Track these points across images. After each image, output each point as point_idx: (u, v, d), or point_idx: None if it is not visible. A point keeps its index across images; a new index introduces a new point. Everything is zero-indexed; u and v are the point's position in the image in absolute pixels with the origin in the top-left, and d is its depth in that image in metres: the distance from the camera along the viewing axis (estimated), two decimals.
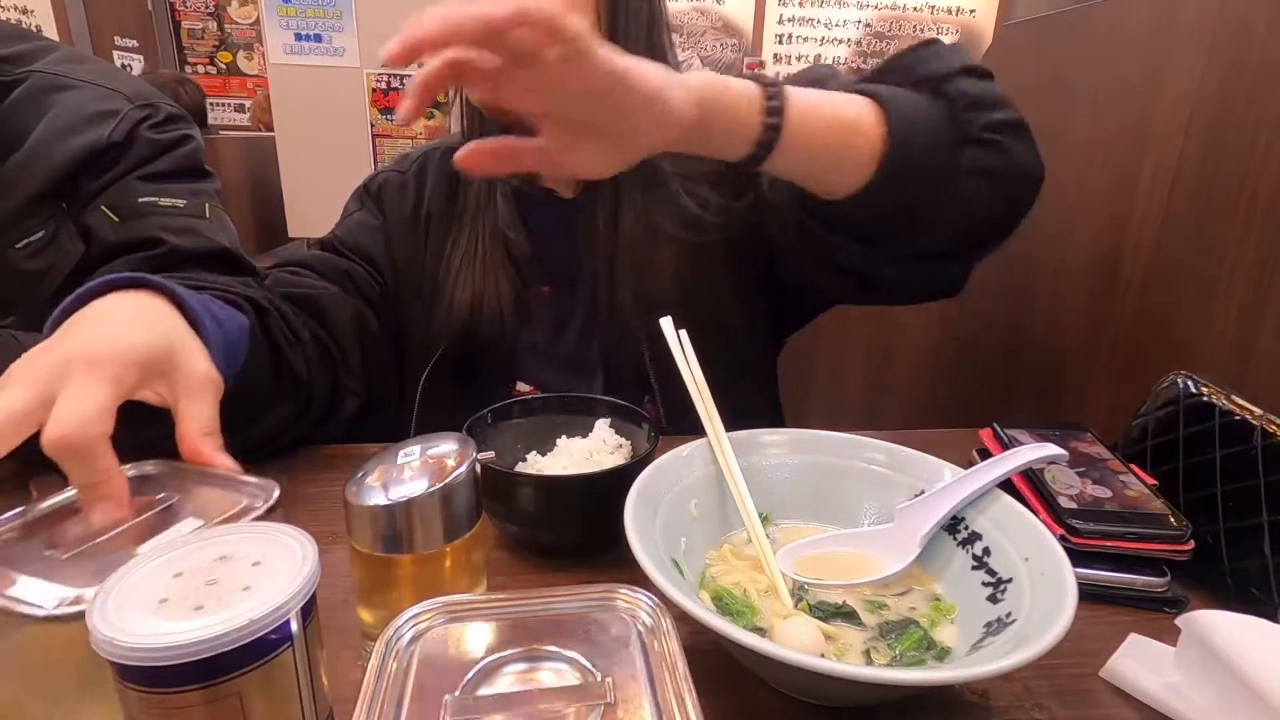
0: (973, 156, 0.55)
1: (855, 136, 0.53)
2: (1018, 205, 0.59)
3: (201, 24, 3.93)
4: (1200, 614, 0.40)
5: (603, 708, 0.28)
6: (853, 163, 0.53)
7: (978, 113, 0.55)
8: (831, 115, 0.52)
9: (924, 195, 0.56)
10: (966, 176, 0.55)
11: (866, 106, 0.54)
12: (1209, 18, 0.75)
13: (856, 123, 0.53)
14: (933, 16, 4.24)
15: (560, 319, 0.77)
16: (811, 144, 0.51)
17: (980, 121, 0.55)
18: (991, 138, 0.55)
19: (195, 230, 0.79)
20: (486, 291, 0.74)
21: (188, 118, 0.85)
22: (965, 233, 0.59)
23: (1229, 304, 0.73)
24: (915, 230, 0.58)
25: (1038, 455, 0.48)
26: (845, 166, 0.54)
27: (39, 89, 0.77)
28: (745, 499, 0.50)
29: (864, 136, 0.53)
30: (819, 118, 0.51)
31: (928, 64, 0.58)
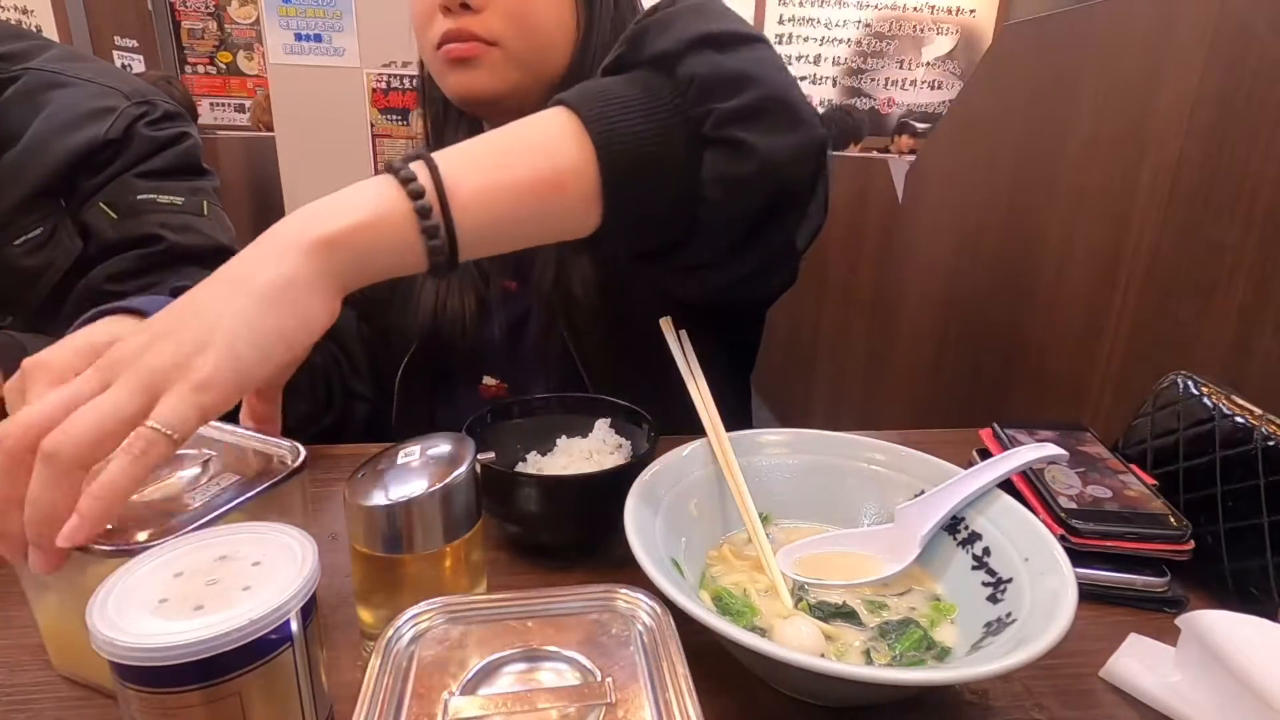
0: (713, 163, 0.45)
1: (560, 192, 0.44)
2: (787, 195, 0.49)
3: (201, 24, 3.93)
4: (1200, 614, 0.40)
5: (603, 708, 0.28)
6: (567, 218, 0.45)
7: (711, 104, 0.45)
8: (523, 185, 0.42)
9: (666, 217, 0.47)
10: (709, 187, 0.46)
11: (568, 140, 0.44)
12: (1209, 18, 0.75)
13: (556, 177, 0.43)
14: (933, 16, 4.24)
15: (522, 313, 0.78)
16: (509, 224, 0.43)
17: (715, 115, 0.45)
18: (731, 136, 0.45)
19: (194, 228, 0.80)
20: (450, 295, 0.75)
21: (185, 115, 0.86)
22: (733, 240, 0.50)
23: (1229, 304, 0.73)
24: (676, 249, 0.50)
25: (1038, 455, 0.48)
26: (561, 224, 0.46)
27: (35, 86, 0.77)
28: (745, 499, 0.50)
29: (573, 185, 0.44)
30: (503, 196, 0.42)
31: (656, 38, 0.48)
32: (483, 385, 0.79)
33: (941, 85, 4.41)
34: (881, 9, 4.21)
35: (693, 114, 0.45)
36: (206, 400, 0.35)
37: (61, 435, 0.33)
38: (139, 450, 0.33)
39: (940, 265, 1.30)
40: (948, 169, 1.31)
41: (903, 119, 4.29)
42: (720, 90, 0.45)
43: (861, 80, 4.38)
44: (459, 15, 0.65)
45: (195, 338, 0.36)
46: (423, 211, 0.40)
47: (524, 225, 0.44)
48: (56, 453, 0.33)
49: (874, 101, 4.42)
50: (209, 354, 0.35)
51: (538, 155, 0.44)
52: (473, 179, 0.41)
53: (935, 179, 1.36)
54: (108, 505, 0.33)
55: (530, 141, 0.44)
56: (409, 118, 2.54)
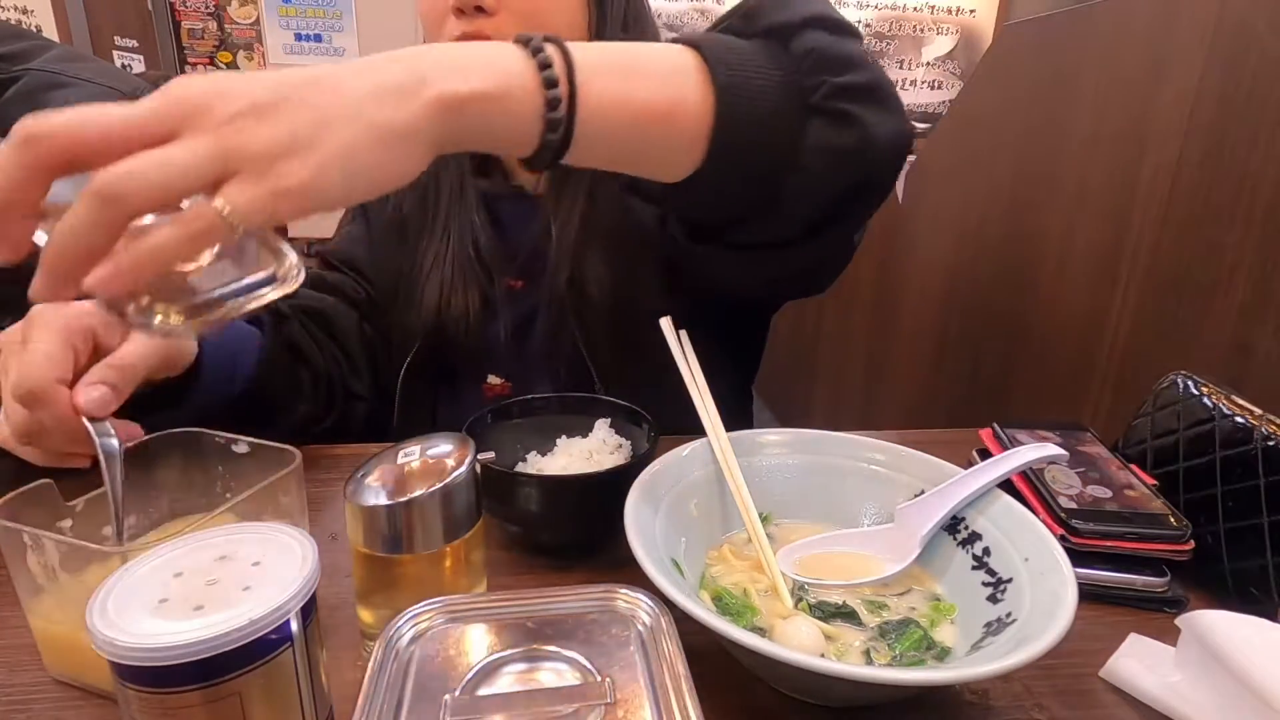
0: (818, 130, 0.46)
1: (673, 124, 0.44)
2: (874, 183, 0.51)
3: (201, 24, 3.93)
4: (1200, 614, 0.40)
5: (603, 708, 0.28)
6: (673, 149, 0.45)
7: (825, 76, 0.46)
8: (643, 103, 0.42)
9: (761, 179, 0.48)
10: (809, 155, 0.47)
11: (691, 77, 0.44)
12: (1209, 17, 0.75)
13: (675, 107, 0.44)
14: (933, 16, 4.24)
15: (529, 312, 0.78)
16: (617, 138, 0.43)
17: (828, 87, 0.46)
18: (841, 108, 0.46)
19: None
20: (454, 292, 0.75)
21: None
22: (812, 218, 0.51)
23: (1229, 304, 0.73)
24: (753, 218, 0.51)
25: (1038, 455, 0.48)
26: (665, 154, 0.46)
27: (35, 87, 0.77)
28: (745, 499, 0.50)
29: (686, 121, 0.44)
30: (624, 110, 0.42)
31: (770, 12, 0.49)
32: (487, 384, 0.79)
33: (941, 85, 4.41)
34: (881, 9, 4.21)
35: (806, 83, 0.46)
36: (280, 209, 0.32)
37: (127, 176, 0.30)
38: (198, 229, 0.31)
39: (940, 265, 1.30)
40: (948, 169, 1.31)
41: None
42: (835, 66, 0.46)
43: None
44: (473, 18, 0.65)
45: (293, 136, 0.33)
46: (552, 101, 0.39)
47: (631, 144, 0.44)
48: (119, 196, 0.30)
49: None
50: (301, 164, 0.32)
51: (660, 82, 0.44)
52: (600, 85, 0.41)
53: (935, 178, 1.36)
54: (145, 268, 0.31)
55: (655, 67, 0.44)
56: None
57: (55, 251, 0.31)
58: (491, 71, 0.38)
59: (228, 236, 0.32)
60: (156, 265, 0.31)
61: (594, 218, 0.73)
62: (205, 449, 0.49)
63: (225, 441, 0.48)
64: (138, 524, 0.47)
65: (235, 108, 0.32)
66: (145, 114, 0.32)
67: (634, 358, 0.54)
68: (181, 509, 0.48)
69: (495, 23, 0.66)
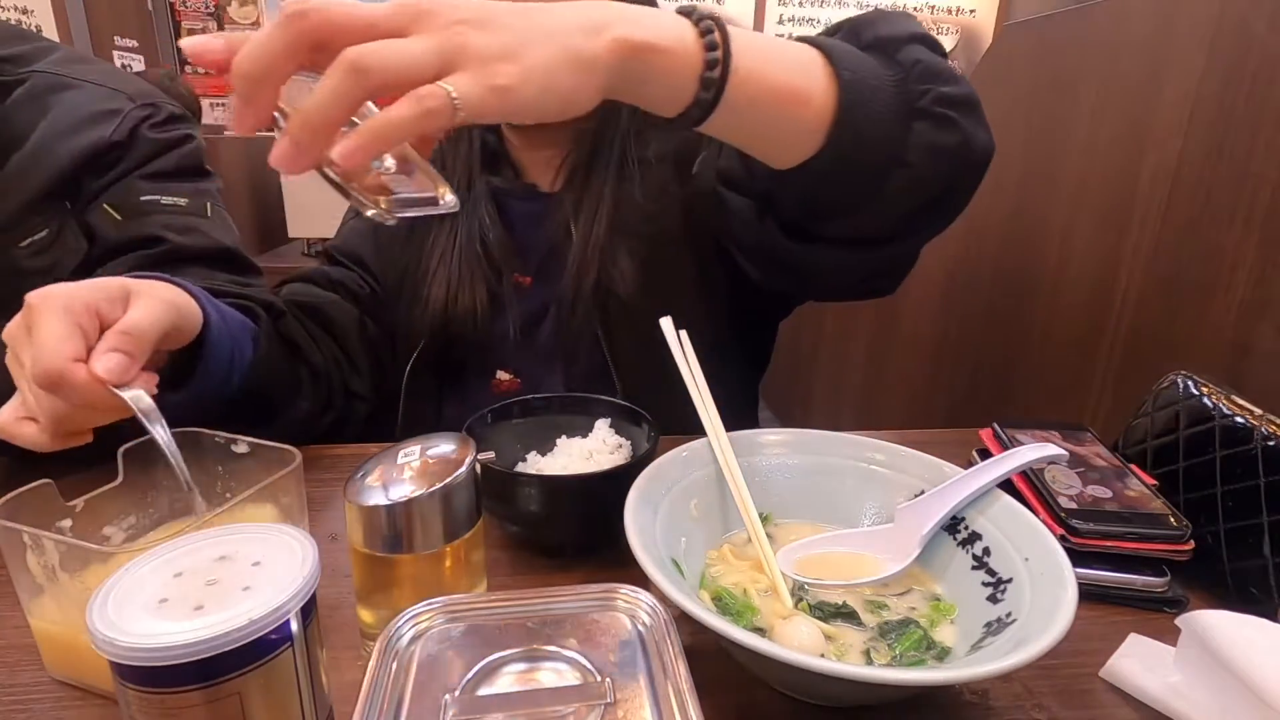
0: (923, 131, 0.51)
1: (803, 107, 0.48)
2: (964, 186, 0.56)
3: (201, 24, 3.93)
4: (1200, 614, 0.40)
5: (603, 708, 0.28)
6: (798, 132, 0.49)
7: (931, 84, 0.51)
8: (783, 82, 0.47)
9: (868, 171, 0.52)
10: (914, 152, 0.51)
11: (818, 70, 0.48)
12: (1209, 18, 0.75)
13: (806, 92, 0.48)
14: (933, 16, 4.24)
15: (539, 309, 0.78)
16: (755, 111, 0.46)
17: (934, 94, 0.51)
18: (944, 112, 0.51)
19: (197, 229, 0.80)
20: (460, 289, 0.76)
21: (189, 117, 0.86)
22: (907, 214, 0.55)
23: (1229, 304, 0.73)
24: (853, 209, 0.54)
25: (1038, 455, 0.48)
26: (790, 137, 0.50)
27: (40, 89, 0.77)
28: (745, 499, 0.50)
29: (813, 107, 0.48)
30: (765, 85, 0.46)
31: (878, 26, 0.54)
32: (496, 380, 0.79)
33: None
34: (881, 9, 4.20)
35: (914, 89, 0.51)
36: (492, 102, 0.36)
37: (374, 57, 0.33)
38: (430, 106, 0.34)
39: (940, 264, 1.30)
40: None
41: None
42: (939, 77, 0.51)
43: None
44: None
45: (507, 45, 0.36)
46: (711, 62, 0.43)
47: (765, 119, 0.48)
48: (365, 69, 0.33)
49: None
50: (510, 67, 0.36)
51: (797, 69, 0.48)
52: (749, 59, 0.44)
53: None
54: (379, 141, 0.34)
55: (791, 56, 0.48)
56: None
57: (303, 118, 0.34)
58: (662, 27, 0.42)
59: (449, 119, 0.35)
60: (395, 136, 0.34)
61: (620, 220, 0.73)
62: (205, 449, 0.49)
63: (225, 441, 0.48)
64: (137, 524, 0.47)
65: (457, 15, 0.36)
66: (382, 10, 0.36)
67: (655, 360, 0.55)
68: (182, 509, 0.48)
69: None
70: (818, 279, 0.63)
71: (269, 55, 0.34)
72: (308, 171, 0.36)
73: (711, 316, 0.77)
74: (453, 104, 0.34)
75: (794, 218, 0.58)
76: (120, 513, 0.46)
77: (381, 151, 0.35)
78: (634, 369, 0.73)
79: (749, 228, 0.61)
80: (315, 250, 2.55)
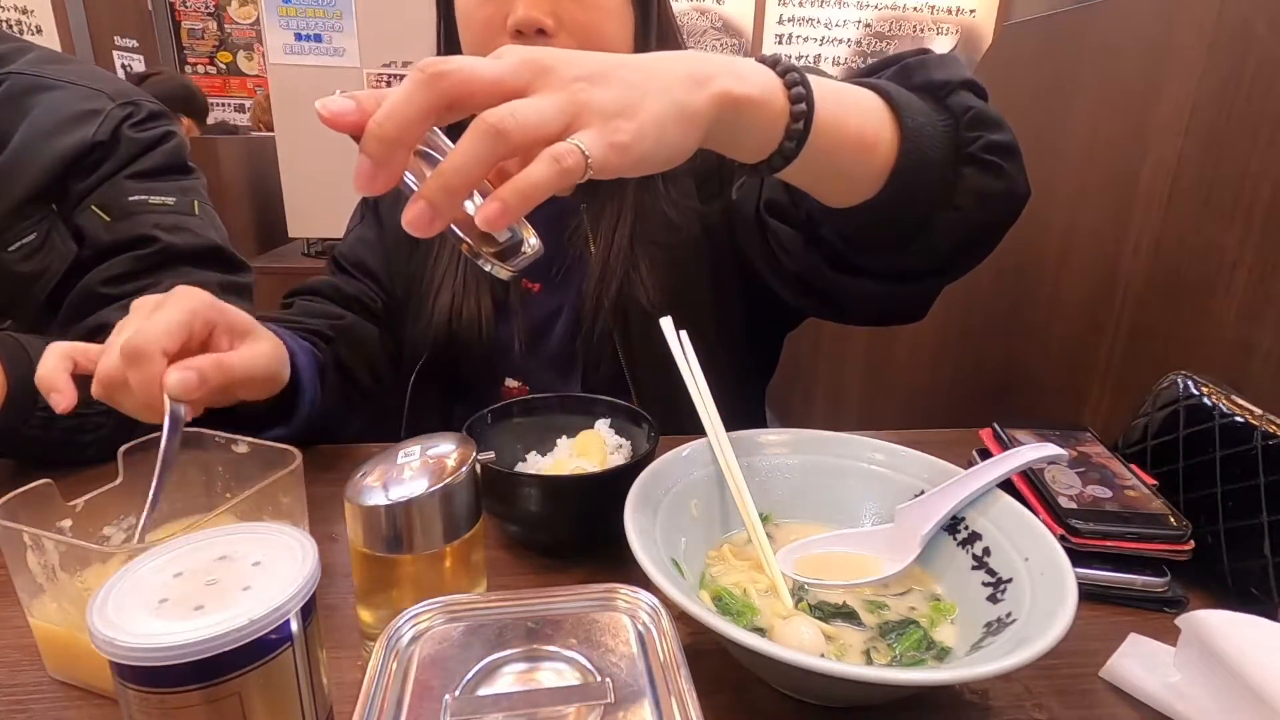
0: (972, 177, 0.53)
1: (872, 153, 0.49)
2: (1003, 226, 0.58)
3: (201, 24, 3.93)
4: (1200, 614, 0.40)
5: (603, 708, 0.28)
6: (863, 177, 0.51)
7: (982, 131, 0.53)
8: (855, 131, 0.48)
9: (920, 213, 0.54)
10: (963, 196, 0.53)
11: (884, 116, 0.50)
12: (1209, 18, 0.75)
13: (876, 138, 0.49)
14: (933, 16, 4.24)
15: (549, 316, 0.78)
16: (829, 159, 0.48)
17: (984, 141, 0.53)
18: (991, 160, 0.53)
19: (186, 228, 0.80)
20: (465, 300, 0.76)
21: (168, 114, 0.85)
22: (948, 255, 0.57)
23: (1229, 304, 0.73)
24: (899, 248, 0.56)
25: (1038, 455, 0.48)
26: (855, 181, 0.51)
27: (19, 90, 0.77)
28: (745, 499, 0.50)
29: (880, 153, 0.50)
30: (842, 134, 0.47)
31: (928, 71, 0.56)
32: (504, 388, 0.80)
33: None
34: (881, 9, 4.21)
35: (965, 136, 0.53)
36: (613, 159, 0.36)
37: (511, 120, 0.34)
38: (568, 165, 0.34)
39: None
40: None
41: None
42: (989, 125, 0.53)
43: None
44: (532, 40, 0.66)
45: (625, 101, 0.37)
46: (797, 115, 0.43)
47: (838, 165, 0.49)
48: (505, 132, 0.33)
49: None
50: (629, 123, 0.36)
51: (867, 116, 0.49)
52: (829, 110, 0.45)
53: None
54: (525, 201, 0.34)
55: (861, 104, 0.50)
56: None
57: (442, 181, 0.34)
58: (758, 80, 0.42)
59: (580, 176, 0.35)
60: (537, 196, 0.34)
61: (642, 230, 0.74)
62: (205, 449, 0.49)
63: (225, 441, 0.48)
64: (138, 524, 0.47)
65: (576, 72, 0.37)
66: (509, 69, 0.36)
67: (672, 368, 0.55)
68: (181, 509, 0.48)
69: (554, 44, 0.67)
70: (854, 307, 0.65)
71: (409, 117, 0.34)
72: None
73: (725, 326, 0.78)
74: (586, 161, 0.35)
75: (839, 250, 0.59)
76: (120, 513, 0.46)
77: (524, 213, 0.35)
78: (650, 378, 0.73)
79: (795, 258, 0.63)
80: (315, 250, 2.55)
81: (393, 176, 0.35)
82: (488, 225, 0.34)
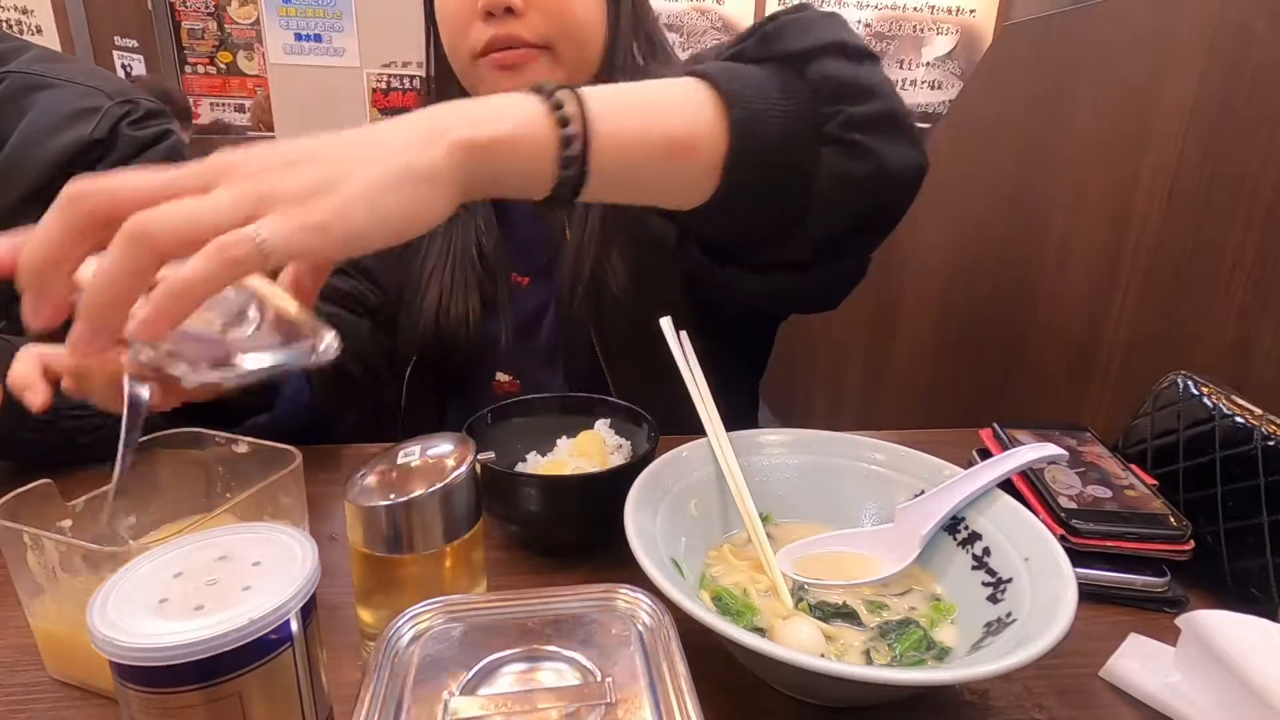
0: (831, 159, 0.47)
1: (690, 156, 0.45)
2: (889, 208, 0.52)
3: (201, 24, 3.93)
4: (1200, 614, 0.40)
5: (603, 708, 0.28)
6: (685, 182, 0.46)
7: (841, 105, 0.47)
8: (661, 137, 0.43)
9: (776, 206, 0.49)
10: (823, 182, 0.47)
11: (707, 111, 0.45)
12: (1209, 18, 0.75)
13: (690, 139, 0.44)
14: (933, 16, 4.24)
15: (537, 309, 0.78)
16: (635, 172, 0.44)
17: (843, 117, 0.46)
18: (853, 138, 0.47)
19: None
20: (453, 299, 0.76)
21: (166, 112, 0.85)
22: (828, 241, 0.51)
23: (1229, 304, 0.73)
24: (768, 242, 0.52)
25: (1038, 455, 0.48)
26: (678, 187, 0.47)
27: (18, 89, 0.77)
28: (745, 499, 0.50)
29: (701, 152, 0.45)
30: (645, 144, 0.43)
31: (786, 37, 0.49)
32: (496, 383, 0.80)
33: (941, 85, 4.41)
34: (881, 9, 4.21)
35: (822, 112, 0.47)
36: (309, 241, 0.33)
37: (156, 218, 0.31)
38: (231, 254, 0.31)
39: (940, 264, 1.30)
40: (947, 168, 1.31)
41: None
42: (851, 95, 0.47)
43: None
44: (503, 20, 0.65)
45: (321, 180, 0.34)
46: (566, 140, 0.40)
47: (648, 180, 0.45)
48: (147, 234, 0.30)
49: None
50: (330, 200, 0.33)
51: (677, 116, 0.44)
52: (615, 122, 0.42)
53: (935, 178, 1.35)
54: (182, 300, 0.31)
55: (672, 102, 0.45)
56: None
57: (88, 299, 0.31)
58: (508, 117, 0.40)
59: (257, 262, 0.32)
60: (196, 293, 0.31)
61: (614, 219, 0.73)
62: (205, 449, 0.49)
63: (225, 441, 0.48)
64: (138, 524, 0.47)
65: (265, 163, 0.34)
66: (184, 173, 0.33)
67: (648, 359, 0.54)
68: (182, 509, 0.48)
69: (524, 23, 0.67)
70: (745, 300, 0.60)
71: (49, 244, 0.31)
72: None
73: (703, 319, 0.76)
74: (259, 248, 0.31)
75: (715, 245, 0.56)
76: (120, 512, 0.46)
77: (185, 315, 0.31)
78: (627, 368, 0.73)
79: (677, 254, 0.59)
80: None
81: (56, 308, 0.32)
82: (138, 335, 0.31)
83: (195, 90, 4.01)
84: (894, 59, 4.35)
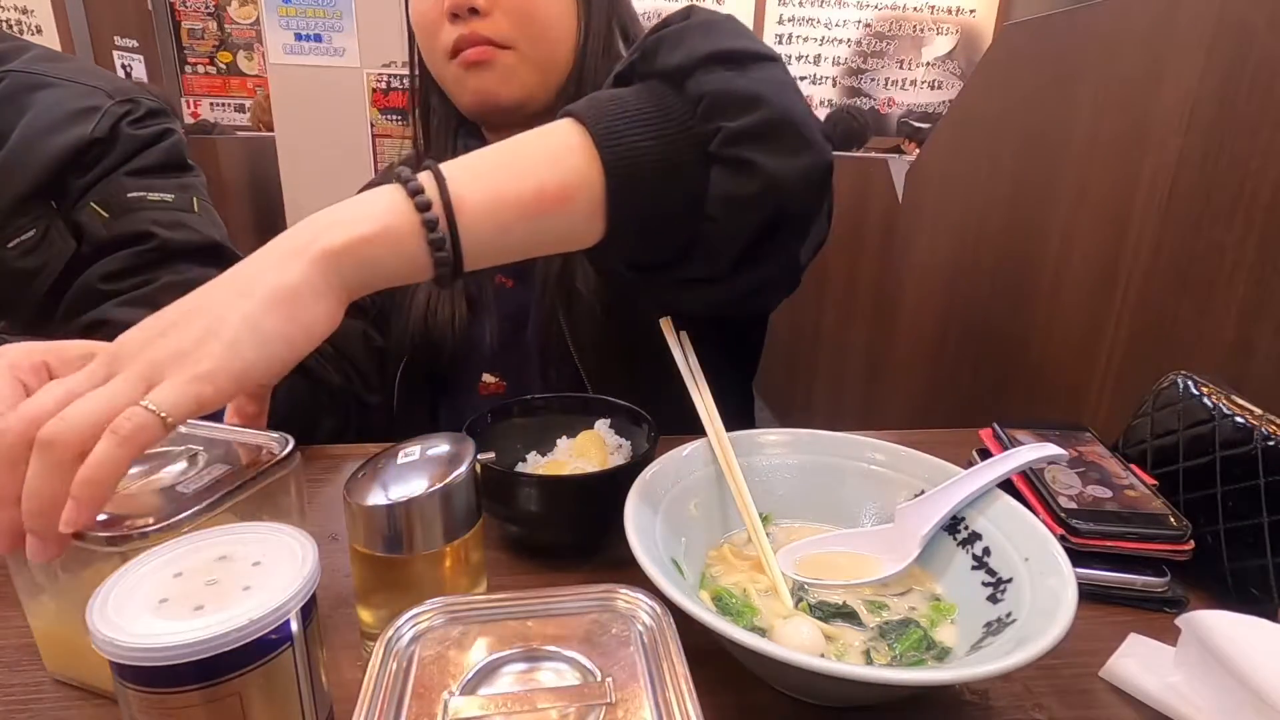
0: (719, 180, 0.45)
1: (568, 205, 0.44)
2: (789, 219, 0.49)
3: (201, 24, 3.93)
4: (1200, 614, 0.40)
5: (603, 708, 0.28)
6: (570, 230, 0.45)
7: (720, 121, 0.44)
8: (533, 194, 0.43)
9: (669, 233, 0.48)
10: (715, 204, 0.46)
11: (578, 156, 0.44)
12: (1209, 17, 0.75)
13: (564, 189, 0.43)
14: (933, 16, 4.24)
15: (520, 310, 0.78)
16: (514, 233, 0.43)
17: (724, 134, 0.44)
18: (737, 155, 0.44)
19: (185, 224, 0.80)
20: (441, 300, 0.76)
21: (167, 111, 0.86)
22: (732, 259, 0.49)
23: (1229, 304, 0.73)
24: (672, 264, 0.50)
25: (1038, 455, 0.48)
26: (564, 236, 0.46)
27: (18, 88, 0.77)
28: (745, 499, 0.50)
29: (579, 199, 0.44)
30: (510, 209, 0.42)
31: (667, 50, 0.47)
32: (482, 384, 0.80)
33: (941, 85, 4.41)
34: (881, 9, 4.21)
35: (701, 131, 0.45)
36: (205, 391, 0.35)
37: (59, 423, 0.33)
38: (127, 430, 0.33)
39: (940, 264, 1.30)
40: (947, 168, 1.31)
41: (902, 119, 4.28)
42: (730, 109, 0.45)
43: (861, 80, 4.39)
44: (468, 20, 0.66)
45: (199, 333, 0.36)
46: (430, 224, 0.40)
47: (528, 236, 0.44)
48: (53, 441, 0.33)
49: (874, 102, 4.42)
50: (212, 347, 0.35)
51: (545, 168, 0.44)
52: (479, 191, 0.42)
53: (935, 178, 1.36)
54: (98, 487, 0.33)
55: (538, 154, 0.44)
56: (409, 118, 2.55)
57: (31, 517, 0.33)
58: (368, 216, 0.40)
59: (159, 430, 0.34)
60: (106, 478, 0.33)
61: None
62: None
63: None
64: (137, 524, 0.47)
65: (147, 335, 0.36)
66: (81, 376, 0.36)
67: (622, 357, 0.54)
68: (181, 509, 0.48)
69: (490, 23, 0.67)
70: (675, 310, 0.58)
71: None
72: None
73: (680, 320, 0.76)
74: (156, 416, 0.33)
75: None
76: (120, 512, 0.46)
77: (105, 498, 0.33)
78: (601, 371, 0.73)
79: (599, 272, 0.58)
80: None
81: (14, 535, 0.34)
82: (69, 526, 0.33)
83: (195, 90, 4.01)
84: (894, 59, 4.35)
